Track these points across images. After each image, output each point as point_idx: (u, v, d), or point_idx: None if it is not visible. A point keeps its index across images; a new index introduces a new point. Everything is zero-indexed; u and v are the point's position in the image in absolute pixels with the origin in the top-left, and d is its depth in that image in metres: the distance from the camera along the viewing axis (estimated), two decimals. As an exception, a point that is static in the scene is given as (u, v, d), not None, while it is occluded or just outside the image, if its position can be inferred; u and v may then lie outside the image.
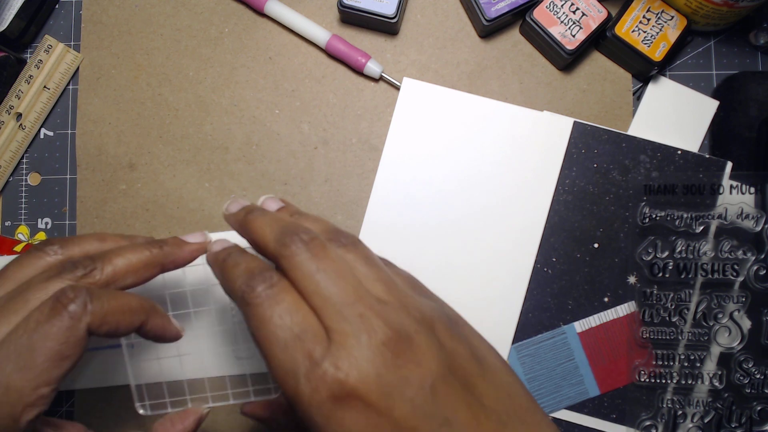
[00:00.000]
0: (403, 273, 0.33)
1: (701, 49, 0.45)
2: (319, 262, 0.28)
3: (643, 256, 0.42)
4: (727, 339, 0.41)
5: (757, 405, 0.40)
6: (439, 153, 0.43)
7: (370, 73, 0.44)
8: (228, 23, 0.45)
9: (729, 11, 0.40)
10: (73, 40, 0.46)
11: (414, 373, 0.26)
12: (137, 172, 0.44)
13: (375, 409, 0.26)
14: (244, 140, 0.44)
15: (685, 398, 0.41)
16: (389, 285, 0.29)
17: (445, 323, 0.29)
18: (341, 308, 0.27)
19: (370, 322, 0.27)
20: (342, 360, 0.26)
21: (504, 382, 0.29)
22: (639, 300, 0.42)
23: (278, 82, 0.45)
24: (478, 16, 0.42)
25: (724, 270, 0.41)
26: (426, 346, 0.27)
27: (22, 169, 0.45)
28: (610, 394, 0.41)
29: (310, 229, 0.29)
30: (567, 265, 0.42)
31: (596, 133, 0.43)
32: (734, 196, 0.41)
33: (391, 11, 0.42)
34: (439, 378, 0.27)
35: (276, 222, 0.30)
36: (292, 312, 0.27)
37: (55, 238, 0.34)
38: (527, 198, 0.43)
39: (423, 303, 0.29)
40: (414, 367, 0.26)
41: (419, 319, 0.28)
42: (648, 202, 0.42)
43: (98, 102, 0.45)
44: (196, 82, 0.45)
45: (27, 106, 0.44)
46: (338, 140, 0.44)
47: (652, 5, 0.42)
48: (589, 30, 0.42)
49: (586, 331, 0.42)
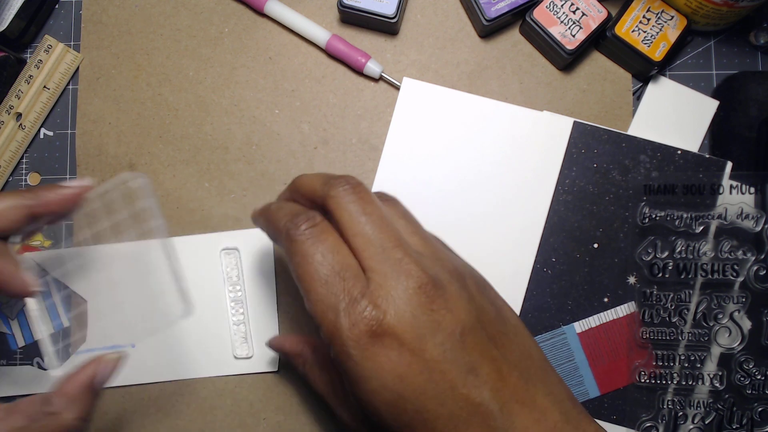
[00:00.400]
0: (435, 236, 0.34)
1: (701, 49, 0.45)
2: (365, 205, 0.29)
3: (643, 257, 0.42)
4: (727, 339, 0.41)
5: (758, 406, 0.40)
6: (439, 153, 0.43)
7: (370, 73, 0.44)
8: (228, 23, 0.45)
9: (729, 11, 0.40)
10: (73, 40, 0.46)
11: (446, 319, 0.27)
12: (137, 171, 0.44)
13: (408, 349, 0.27)
14: (244, 140, 0.44)
15: (685, 399, 0.41)
16: (425, 239, 0.31)
17: (475, 281, 0.31)
18: (382, 251, 0.28)
19: (408, 266, 0.28)
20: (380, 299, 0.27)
21: (525, 343, 0.30)
22: (639, 300, 0.41)
23: (278, 82, 0.45)
24: (478, 16, 0.42)
25: (724, 270, 0.41)
26: (458, 295, 0.28)
27: (22, 169, 0.45)
28: (611, 394, 0.41)
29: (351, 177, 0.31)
30: (567, 266, 0.42)
31: (596, 133, 0.43)
32: (734, 196, 0.41)
33: (391, 11, 0.42)
34: (468, 327, 0.28)
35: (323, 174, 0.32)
36: (334, 251, 0.29)
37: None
38: (527, 198, 0.43)
39: (456, 259, 0.31)
40: (446, 314, 0.28)
41: (452, 271, 0.29)
42: (648, 202, 0.42)
43: (98, 102, 0.45)
44: (196, 82, 0.45)
45: (27, 106, 0.44)
46: (338, 140, 0.44)
47: (652, 5, 0.42)
48: (589, 30, 0.42)
49: (585, 332, 0.42)
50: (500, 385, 0.28)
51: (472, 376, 0.27)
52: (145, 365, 0.43)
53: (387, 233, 0.29)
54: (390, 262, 0.28)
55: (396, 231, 0.29)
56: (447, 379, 0.27)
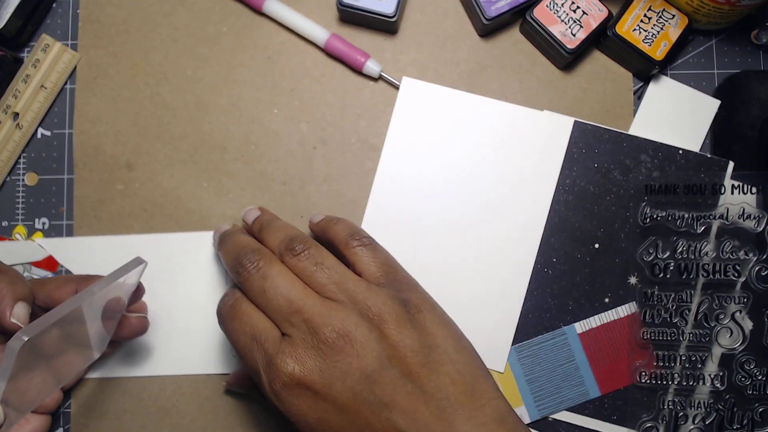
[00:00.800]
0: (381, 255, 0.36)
1: (702, 48, 0.44)
2: (265, 281, 0.33)
3: (644, 257, 0.41)
4: (728, 340, 0.41)
5: (758, 406, 0.40)
6: (438, 152, 0.43)
7: (370, 72, 0.43)
8: (226, 22, 0.45)
9: (730, 10, 0.40)
10: (71, 39, 0.46)
11: (353, 365, 0.31)
12: (135, 171, 0.44)
13: (321, 396, 0.31)
14: (243, 140, 0.44)
15: (686, 399, 0.41)
16: (340, 284, 0.33)
17: (396, 315, 0.32)
18: (288, 316, 0.32)
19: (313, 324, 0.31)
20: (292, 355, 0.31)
21: (448, 370, 0.32)
22: (640, 301, 0.41)
23: (277, 81, 0.45)
24: (478, 15, 0.42)
25: (726, 270, 0.41)
26: (365, 339, 0.31)
27: (19, 169, 0.45)
28: (611, 395, 0.41)
29: (260, 250, 0.35)
30: (567, 266, 0.42)
31: (597, 133, 0.43)
32: (736, 196, 0.41)
33: (391, 10, 0.42)
34: (377, 368, 0.31)
35: (234, 248, 0.36)
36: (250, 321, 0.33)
37: None
38: (527, 198, 0.42)
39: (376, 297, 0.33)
40: (352, 360, 0.31)
41: (365, 314, 0.32)
42: (649, 202, 0.42)
43: (96, 101, 0.45)
44: (194, 81, 0.45)
45: (24, 105, 0.44)
46: (337, 140, 0.44)
47: (653, 4, 0.42)
48: (589, 29, 0.42)
49: (586, 332, 0.42)
50: (415, 417, 0.30)
51: (387, 411, 0.30)
52: (144, 359, 0.42)
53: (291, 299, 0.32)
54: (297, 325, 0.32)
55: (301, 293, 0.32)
56: (362, 417, 0.30)
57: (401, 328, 0.32)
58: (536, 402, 0.41)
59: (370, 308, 0.32)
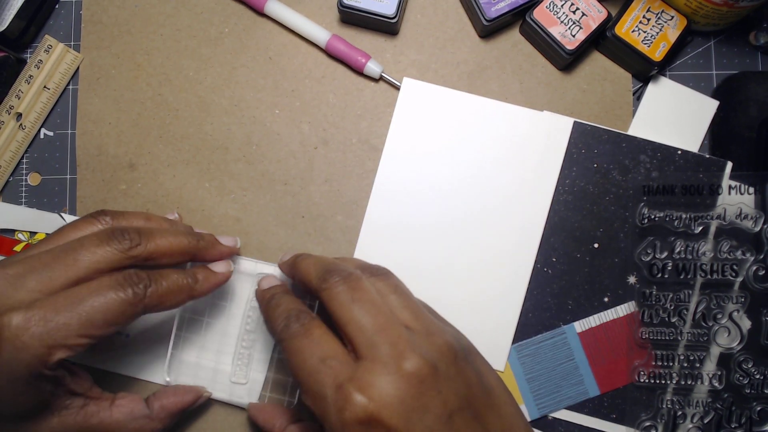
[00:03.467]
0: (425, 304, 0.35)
1: (701, 49, 0.45)
2: (354, 293, 0.30)
3: (643, 257, 0.42)
4: (726, 339, 0.41)
5: (756, 405, 0.40)
6: (439, 153, 0.43)
7: (370, 73, 0.44)
8: (228, 23, 0.45)
9: (729, 11, 0.40)
10: (73, 40, 0.46)
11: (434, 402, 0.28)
12: (137, 172, 0.44)
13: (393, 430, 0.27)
14: (244, 140, 0.44)
15: (684, 399, 0.41)
16: (416, 313, 0.31)
17: (464, 352, 0.31)
18: (373, 335, 0.29)
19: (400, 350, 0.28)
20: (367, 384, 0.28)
21: (508, 413, 0.31)
22: (639, 300, 0.42)
23: (278, 82, 0.45)
24: (478, 16, 0.42)
25: (724, 270, 0.41)
26: (448, 377, 0.29)
27: (22, 169, 0.45)
28: (610, 394, 0.41)
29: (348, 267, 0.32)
30: (567, 265, 0.42)
31: (596, 133, 0.43)
32: (733, 196, 0.41)
33: (391, 11, 0.42)
34: (457, 408, 0.28)
35: (319, 262, 0.33)
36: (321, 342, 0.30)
37: (107, 210, 0.37)
38: (527, 198, 0.43)
39: (445, 330, 0.31)
40: (435, 396, 0.28)
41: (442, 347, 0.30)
42: (647, 203, 0.42)
43: (98, 102, 0.45)
44: (196, 82, 0.45)
45: (27, 106, 0.44)
46: (338, 140, 0.44)
47: (652, 5, 0.42)
48: (589, 30, 0.42)
49: (586, 331, 0.42)
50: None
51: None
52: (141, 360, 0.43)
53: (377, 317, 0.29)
54: (381, 347, 0.28)
55: (387, 311, 0.30)
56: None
57: (468, 367, 0.30)
58: (536, 400, 0.41)
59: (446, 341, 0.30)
